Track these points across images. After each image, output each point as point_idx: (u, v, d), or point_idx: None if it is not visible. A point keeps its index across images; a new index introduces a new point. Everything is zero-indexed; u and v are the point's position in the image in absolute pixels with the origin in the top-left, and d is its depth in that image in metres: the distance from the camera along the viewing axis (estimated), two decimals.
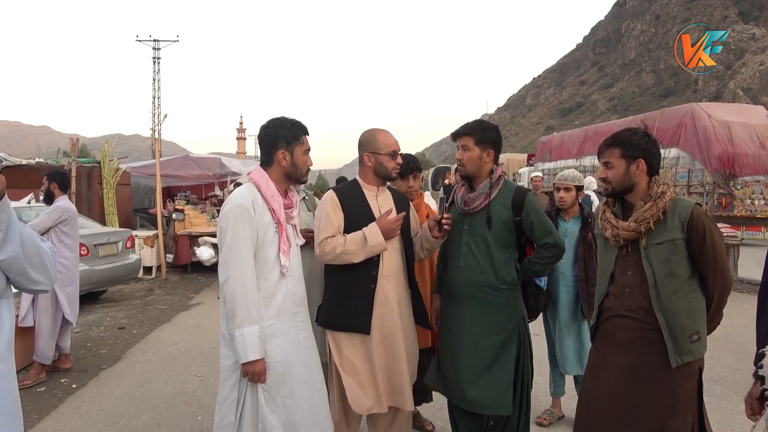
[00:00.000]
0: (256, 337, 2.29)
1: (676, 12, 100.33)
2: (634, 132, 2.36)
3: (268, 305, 2.40)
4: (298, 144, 2.49)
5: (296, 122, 2.52)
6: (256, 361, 2.29)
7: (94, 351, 5.81)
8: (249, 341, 2.28)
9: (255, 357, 2.28)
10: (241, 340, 2.28)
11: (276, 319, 2.41)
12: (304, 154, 2.52)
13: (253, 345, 2.28)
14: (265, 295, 2.39)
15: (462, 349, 2.75)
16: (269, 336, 2.38)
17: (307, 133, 2.54)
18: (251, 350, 2.28)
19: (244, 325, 2.29)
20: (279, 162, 2.48)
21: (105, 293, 8.85)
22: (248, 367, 2.30)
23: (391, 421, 2.92)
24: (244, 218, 2.34)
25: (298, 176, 2.52)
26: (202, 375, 4.92)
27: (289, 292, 2.47)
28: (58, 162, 12.27)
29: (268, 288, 2.40)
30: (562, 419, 3.89)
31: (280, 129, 2.48)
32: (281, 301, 2.43)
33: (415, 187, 3.50)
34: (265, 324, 2.37)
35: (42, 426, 3.92)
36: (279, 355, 2.40)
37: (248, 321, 2.29)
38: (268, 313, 2.39)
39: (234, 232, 2.33)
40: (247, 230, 2.34)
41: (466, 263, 2.78)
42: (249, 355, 2.28)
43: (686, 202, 2.27)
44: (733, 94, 60.64)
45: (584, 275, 3.65)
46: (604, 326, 2.42)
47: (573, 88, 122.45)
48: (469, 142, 2.79)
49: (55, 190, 5.00)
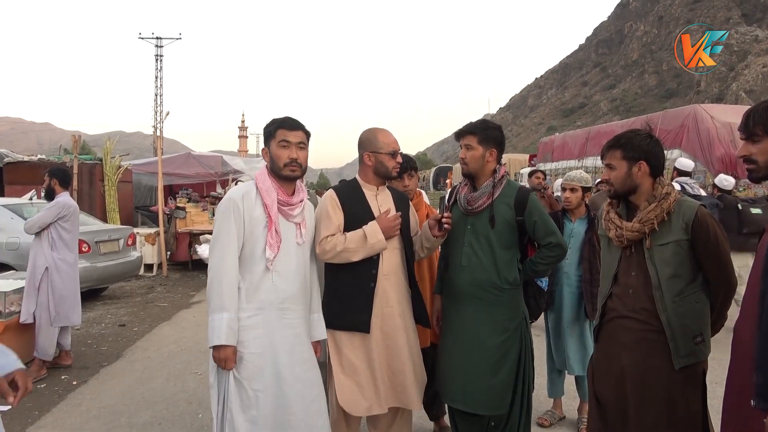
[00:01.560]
0: (224, 324, 2.35)
1: (679, 13, 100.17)
2: (637, 133, 2.35)
3: (251, 297, 2.46)
4: (273, 138, 2.55)
5: (277, 118, 2.60)
6: (222, 347, 2.36)
7: (94, 348, 5.81)
8: (216, 326, 2.36)
9: (220, 342, 2.35)
10: (211, 324, 2.37)
11: (257, 311, 2.46)
12: (278, 146, 2.53)
13: (219, 330, 2.35)
14: (248, 287, 2.46)
15: (464, 350, 2.75)
16: (248, 327, 2.43)
17: (284, 126, 2.55)
18: (216, 335, 2.35)
19: (215, 311, 2.38)
20: (265, 159, 2.61)
21: (106, 290, 8.85)
22: (215, 351, 2.38)
23: (390, 421, 2.91)
24: (230, 210, 2.45)
25: (276, 170, 2.55)
26: (202, 373, 4.92)
27: (274, 287, 2.49)
28: (60, 159, 12.28)
29: (253, 281, 2.47)
30: (563, 420, 3.88)
31: (265, 128, 2.61)
32: (264, 295, 2.47)
33: (411, 186, 3.50)
34: (244, 315, 2.43)
35: (42, 423, 3.92)
36: (256, 347, 2.43)
37: (219, 307, 2.37)
38: (250, 304, 2.45)
39: (221, 224, 2.46)
40: (231, 222, 2.44)
41: (469, 263, 2.77)
42: (214, 340, 2.36)
43: (691, 203, 2.26)
44: (735, 96, 60.52)
45: (589, 276, 3.65)
46: (608, 327, 2.41)
47: (575, 88, 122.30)
48: (473, 141, 2.79)
49: (56, 187, 5.00)
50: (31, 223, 4.85)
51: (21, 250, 7.01)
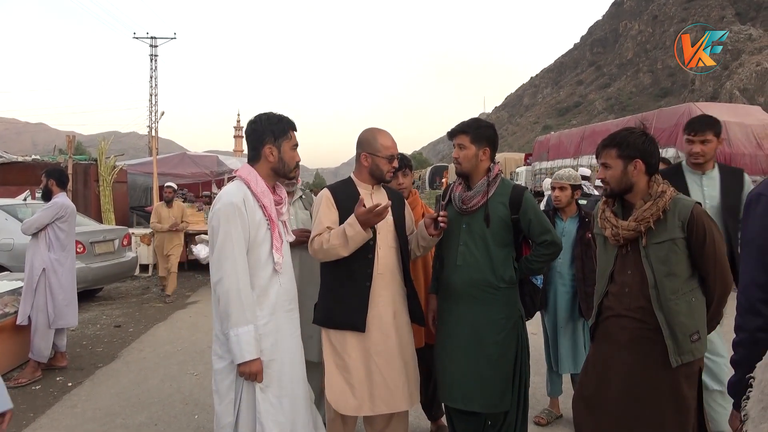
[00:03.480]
0: (251, 337, 2.26)
1: (674, 12, 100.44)
2: (631, 132, 2.35)
3: (262, 303, 2.38)
4: (286, 139, 2.47)
5: (283, 117, 2.51)
6: (252, 361, 2.27)
7: (90, 349, 5.78)
8: (244, 341, 2.25)
9: (251, 357, 2.26)
10: (236, 340, 2.25)
11: (270, 317, 2.40)
12: (292, 149, 2.50)
13: (248, 345, 2.26)
14: (258, 293, 2.37)
15: (462, 349, 2.74)
16: (264, 335, 2.36)
17: (294, 129, 2.52)
18: (247, 350, 2.25)
19: (239, 325, 2.26)
20: (266, 157, 2.46)
21: (101, 291, 8.82)
22: (244, 367, 2.27)
23: (387, 420, 2.90)
24: (235, 216, 2.31)
25: (285, 172, 2.51)
26: (198, 374, 4.90)
27: (282, 289, 2.46)
28: (54, 159, 12.22)
29: (262, 286, 2.38)
30: (560, 419, 3.88)
31: (267, 124, 2.46)
32: (275, 298, 2.42)
33: (405, 184, 3.48)
34: (260, 323, 2.35)
35: (37, 424, 3.90)
36: (272, 354, 2.38)
37: (243, 321, 2.27)
38: (263, 311, 2.37)
39: (226, 232, 2.30)
40: (239, 229, 2.31)
41: (465, 262, 2.76)
42: (245, 355, 2.25)
43: (686, 202, 2.27)
44: (729, 95, 60.74)
45: (582, 275, 3.65)
46: (604, 326, 2.41)
47: (570, 87, 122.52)
48: (465, 140, 2.79)
49: (53, 187, 4.97)
50: (29, 224, 4.82)
51: (15, 252, 6.98)
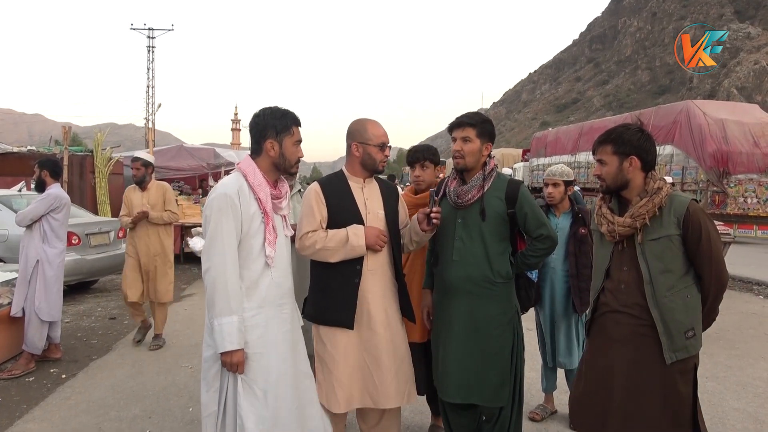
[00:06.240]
0: (234, 327, 2.28)
1: (673, 9, 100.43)
2: (627, 128, 2.34)
3: (251, 295, 2.38)
4: (288, 134, 2.46)
5: (288, 112, 2.49)
6: (233, 351, 2.28)
7: (84, 341, 5.77)
8: (227, 331, 2.27)
9: (232, 347, 2.27)
10: (219, 329, 2.27)
11: (259, 310, 2.40)
12: (294, 145, 2.48)
13: (230, 335, 2.27)
14: (248, 285, 2.38)
15: (458, 344, 2.73)
16: (251, 327, 2.36)
17: (298, 124, 2.51)
18: (228, 340, 2.27)
19: (222, 315, 2.28)
20: (267, 152, 2.46)
21: (96, 283, 8.79)
22: (226, 357, 2.29)
23: (380, 415, 2.89)
24: (228, 208, 2.32)
25: (286, 167, 2.49)
26: (193, 366, 4.89)
27: (274, 283, 2.45)
28: (50, 150, 12.17)
29: (252, 278, 2.39)
30: (555, 414, 3.89)
31: (270, 118, 2.45)
32: (265, 291, 2.42)
33: (423, 177, 3.38)
34: (247, 315, 2.35)
35: (30, 416, 3.89)
36: (259, 346, 2.38)
37: (227, 311, 2.28)
38: (251, 303, 2.38)
39: (217, 222, 2.32)
40: (230, 220, 2.32)
41: (461, 257, 2.74)
42: (227, 345, 2.27)
43: (682, 198, 2.26)
44: (727, 93, 60.84)
45: (575, 270, 3.65)
46: (599, 322, 2.41)
47: (569, 84, 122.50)
48: (471, 133, 2.73)
49: (47, 178, 4.93)
50: (23, 215, 4.78)
51: (10, 242, 6.94)
